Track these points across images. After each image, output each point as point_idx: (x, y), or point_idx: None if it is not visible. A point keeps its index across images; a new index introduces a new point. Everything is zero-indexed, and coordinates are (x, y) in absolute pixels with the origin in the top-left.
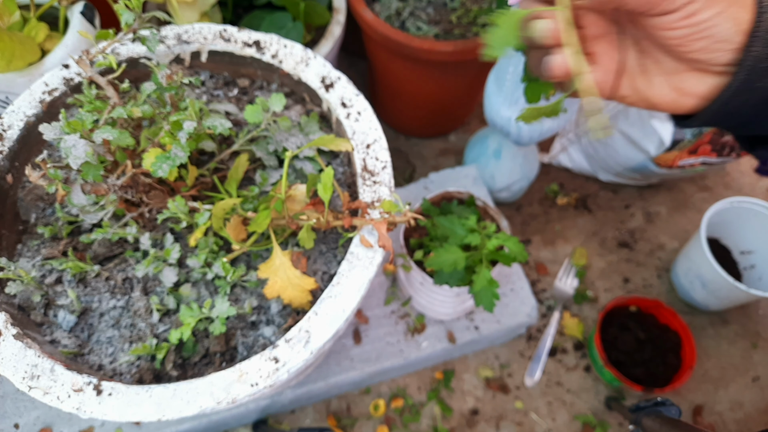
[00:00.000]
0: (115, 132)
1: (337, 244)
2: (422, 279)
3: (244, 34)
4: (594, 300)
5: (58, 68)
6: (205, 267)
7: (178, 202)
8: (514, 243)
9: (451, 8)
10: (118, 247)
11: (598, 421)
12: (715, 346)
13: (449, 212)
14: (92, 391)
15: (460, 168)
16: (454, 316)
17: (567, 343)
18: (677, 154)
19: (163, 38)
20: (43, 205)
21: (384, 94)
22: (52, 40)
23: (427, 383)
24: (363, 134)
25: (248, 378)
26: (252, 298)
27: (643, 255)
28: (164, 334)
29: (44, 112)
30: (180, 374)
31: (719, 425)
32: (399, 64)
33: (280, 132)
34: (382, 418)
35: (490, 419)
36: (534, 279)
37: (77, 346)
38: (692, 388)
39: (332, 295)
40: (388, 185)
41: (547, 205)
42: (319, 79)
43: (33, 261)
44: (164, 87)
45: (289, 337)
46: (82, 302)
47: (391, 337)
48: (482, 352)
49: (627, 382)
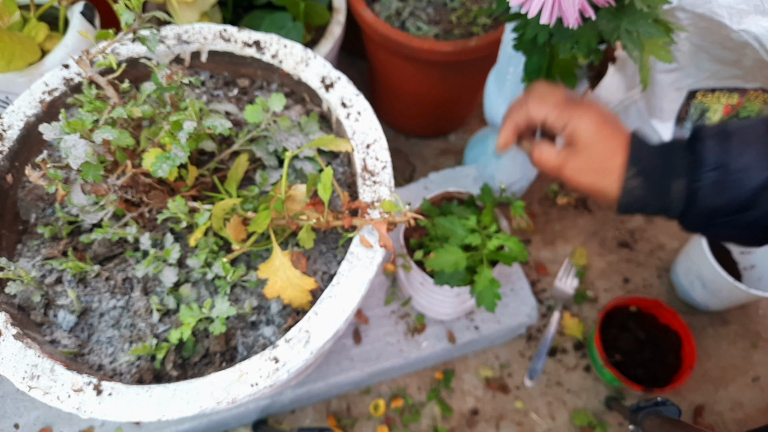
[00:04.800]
0: (115, 132)
1: (337, 244)
2: (422, 279)
3: (244, 34)
4: (594, 300)
5: (58, 68)
6: (205, 267)
7: (178, 202)
8: (514, 243)
9: (451, 8)
10: (118, 247)
11: (598, 421)
12: (715, 346)
13: (449, 212)
14: (92, 391)
15: (460, 168)
16: (454, 316)
17: (567, 343)
18: None
19: (163, 38)
20: (43, 205)
21: (384, 94)
22: (52, 40)
23: (427, 383)
24: (363, 134)
25: (248, 378)
26: (252, 298)
27: (643, 255)
28: (164, 334)
29: (44, 112)
30: (180, 374)
31: (719, 425)
32: (399, 64)
33: (280, 132)
34: (382, 418)
35: (490, 419)
36: (534, 279)
37: (77, 346)
38: (692, 388)
39: (332, 295)
40: (388, 185)
41: (547, 205)
42: (319, 79)
43: (33, 261)
44: (164, 87)
45: (289, 337)
46: (82, 302)
47: (391, 337)
48: (482, 352)
49: (627, 382)
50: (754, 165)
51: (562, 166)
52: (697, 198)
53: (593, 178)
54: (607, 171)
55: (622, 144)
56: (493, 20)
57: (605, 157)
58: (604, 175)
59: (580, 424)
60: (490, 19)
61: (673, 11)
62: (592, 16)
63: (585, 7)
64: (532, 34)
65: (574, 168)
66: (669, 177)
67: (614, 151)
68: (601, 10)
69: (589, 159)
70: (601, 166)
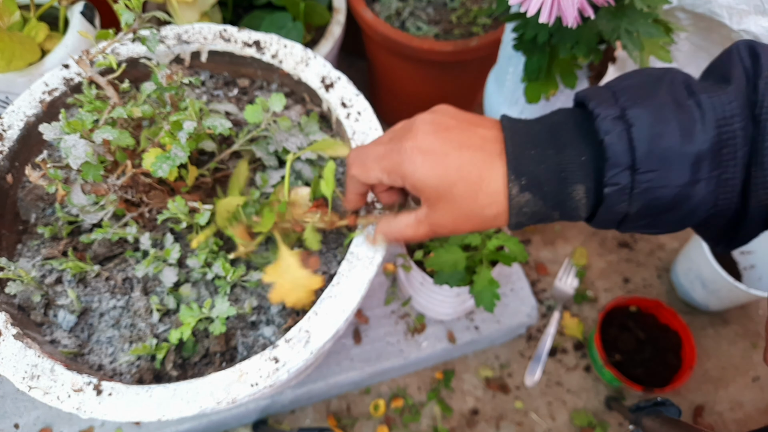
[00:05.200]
0: (115, 132)
1: (338, 245)
2: (422, 279)
3: (244, 34)
4: (594, 300)
5: (58, 68)
6: (205, 267)
7: (178, 202)
8: (514, 243)
9: (451, 8)
10: (118, 247)
11: (598, 421)
12: (715, 346)
13: None
14: (92, 391)
15: None
16: (454, 316)
17: (567, 343)
18: None
19: (163, 38)
20: (43, 205)
21: (384, 94)
22: (52, 40)
23: (427, 383)
24: (363, 134)
25: (248, 378)
26: (252, 298)
27: (643, 255)
28: (164, 334)
29: (44, 112)
30: (180, 374)
31: (719, 425)
32: (399, 64)
33: (280, 132)
34: (382, 418)
35: (490, 419)
36: (534, 279)
37: (77, 346)
38: (692, 388)
39: (332, 295)
40: None
41: None
42: (319, 79)
43: (33, 261)
44: (164, 87)
45: (289, 337)
46: (82, 302)
47: (391, 337)
48: (482, 352)
49: (627, 382)
50: (675, 157)
51: (428, 230)
52: (606, 205)
53: (474, 221)
54: (485, 204)
55: (492, 147)
56: (493, 20)
57: (473, 186)
58: (484, 210)
59: (580, 424)
60: (490, 19)
61: (673, 11)
62: (592, 15)
63: (584, 7)
64: (532, 34)
65: (443, 224)
66: (566, 183)
67: (485, 166)
68: (601, 10)
69: (454, 202)
70: (474, 204)
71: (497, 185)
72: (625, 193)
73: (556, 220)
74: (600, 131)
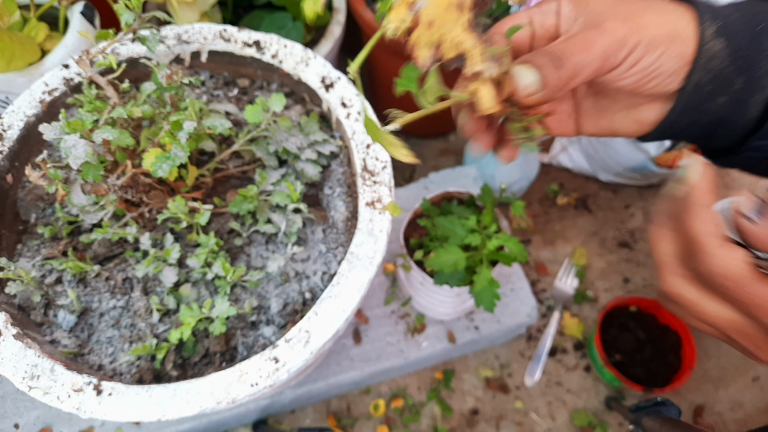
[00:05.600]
0: (115, 132)
1: (338, 245)
2: (422, 279)
3: (244, 34)
4: (594, 300)
5: (58, 68)
6: (205, 267)
7: (178, 202)
8: (514, 243)
9: None
10: (118, 247)
11: (598, 421)
12: (715, 346)
13: (449, 212)
14: (92, 391)
15: (460, 168)
16: (454, 316)
17: (567, 343)
18: (677, 154)
19: (163, 38)
20: (43, 205)
21: (384, 94)
22: (52, 40)
23: (427, 383)
24: (363, 134)
25: (248, 378)
26: (252, 298)
27: (643, 255)
28: (164, 334)
29: (44, 112)
30: (180, 374)
31: (719, 425)
32: (399, 64)
33: (280, 132)
34: (382, 418)
35: (490, 419)
36: (534, 279)
37: (77, 346)
38: (692, 388)
39: (332, 295)
40: (388, 185)
41: (547, 205)
42: (319, 79)
43: (33, 261)
44: (164, 87)
45: (289, 337)
46: (82, 302)
47: (391, 337)
48: (482, 352)
49: (627, 382)
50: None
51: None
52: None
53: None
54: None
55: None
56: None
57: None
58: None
59: (580, 424)
60: (490, 20)
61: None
62: None
63: None
64: None
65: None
66: (760, 36)
67: (671, 7)
68: None
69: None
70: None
71: (687, 30)
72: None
73: (732, 102)
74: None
